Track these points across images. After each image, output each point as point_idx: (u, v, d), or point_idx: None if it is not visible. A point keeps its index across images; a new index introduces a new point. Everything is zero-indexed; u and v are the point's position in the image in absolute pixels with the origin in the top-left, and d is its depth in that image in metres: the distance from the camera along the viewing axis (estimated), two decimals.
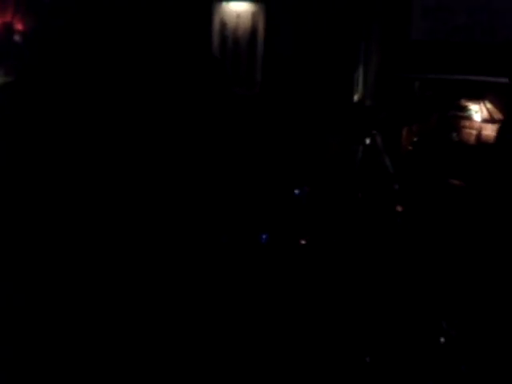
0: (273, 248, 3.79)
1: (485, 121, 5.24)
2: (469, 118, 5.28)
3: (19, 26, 5.60)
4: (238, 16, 6.02)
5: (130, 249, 3.05)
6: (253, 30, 5.99)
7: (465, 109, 5.29)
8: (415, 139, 5.09)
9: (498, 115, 5.24)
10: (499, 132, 4.57)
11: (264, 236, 3.74)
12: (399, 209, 4.05)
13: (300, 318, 3.55)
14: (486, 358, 3.32)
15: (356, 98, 5.55)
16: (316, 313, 3.61)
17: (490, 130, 5.23)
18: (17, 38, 5.59)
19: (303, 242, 3.90)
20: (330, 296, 3.70)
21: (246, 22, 6.00)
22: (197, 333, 3.06)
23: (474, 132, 5.24)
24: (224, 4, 6.08)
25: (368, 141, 5.07)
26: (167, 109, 3.52)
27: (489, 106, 5.26)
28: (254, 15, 5.96)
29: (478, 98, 5.31)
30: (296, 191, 4.24)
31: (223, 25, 6.09)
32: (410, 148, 5.05)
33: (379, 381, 3.33)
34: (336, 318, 3.60)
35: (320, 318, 3.58)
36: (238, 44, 6.06)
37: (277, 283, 3.63)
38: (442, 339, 3.59)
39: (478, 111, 5.26)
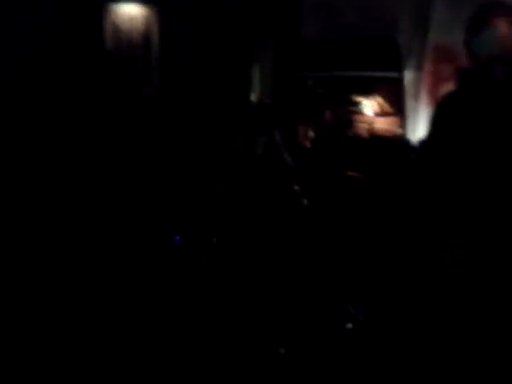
0: (187, 248, 3.84)
1: (376, 114, 5.48)
2: (361, 112, 5.49)
3: None
4: (132, 18, 5.99)
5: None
6: (147, 32, 5.99)
7: (356, 104, 5.50)
8: (312, 136, 5.26)
9: (388, 109, 5.50)
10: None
11: (177, 237, 3.79)
12: (304, 202, 4.18)
13: (214, 315, 3.62)
14: (394, 342, 3.49)
15: (253, 96, 5.66)
16: (230, 308, 3.68)
17: (380, 123, 5.48)
18: None
19: (214, 240, 3.97)
20: (243, 291, 3.78)
21: (139, 25, 5.99)
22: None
23: (367, 126, 5.46)
24: (116, 6, 6.02)
25: (267, 138, 5.19)
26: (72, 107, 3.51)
27: (379, 100, 5.50)
28: (147, 17, 5.96)
29: (368, 92, 5.53)
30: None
31: (116, 27, 6.05)
32: (309, 144, 5.21)
33: (297, 371, 3.45)
34: (249, 312, 3.69)
35: (233, 313, 3.66)
36: (132, 46, 6.04)
37: (191, 282, 3.69)
38: (350, 325, 3.73)
39: (369, 106, 5.49)
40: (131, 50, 6.04)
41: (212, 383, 3.21)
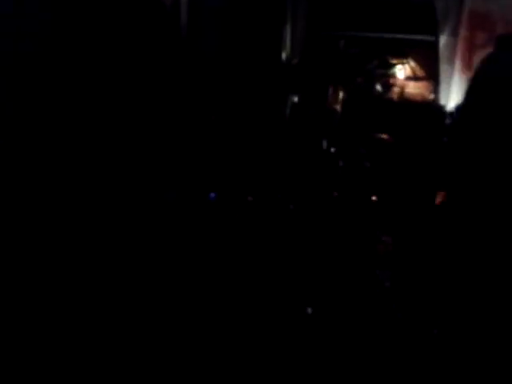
0: (221, 205, 3.80)
1: (408, 78, 5.40)
2: (393, 75, 5.41)
3: None
4: None
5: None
6: None
7: (389, 66, 5.41)
8: (343, 97, 5.19)
9: (420, 73, 5.41)
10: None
11: (213, 194, 3.76)
12: (340, 163, 4.15)
13: (249, 273, 3.61)
14: (419, 305, 3.49)
15: (284, 56, 5.54)
16: (259, 265, 3.67)
17: (412, 88, 5.40)
18: None
19: (250, 198, 3.93)
20: (276, 249, 3.77)
21: None
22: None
23: (398, 89, 5.39)
24: None
25: (296, 99, 5.13)
26: None
27: (412, 63, 5.41)
28: None
29: (401, 55, 5.43)
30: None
31: None
32: (339, 106, 5.14)
33: (321, 331, 3.44)
34: (279, 271, 3.68)
35: (265, 271, 3.65)
36: None
37: (226, 239, 3.67)
38: (378, 289, 3.74)
39: (401, 69, 5.40)
40: None
41: (240, 340, 3.21)
